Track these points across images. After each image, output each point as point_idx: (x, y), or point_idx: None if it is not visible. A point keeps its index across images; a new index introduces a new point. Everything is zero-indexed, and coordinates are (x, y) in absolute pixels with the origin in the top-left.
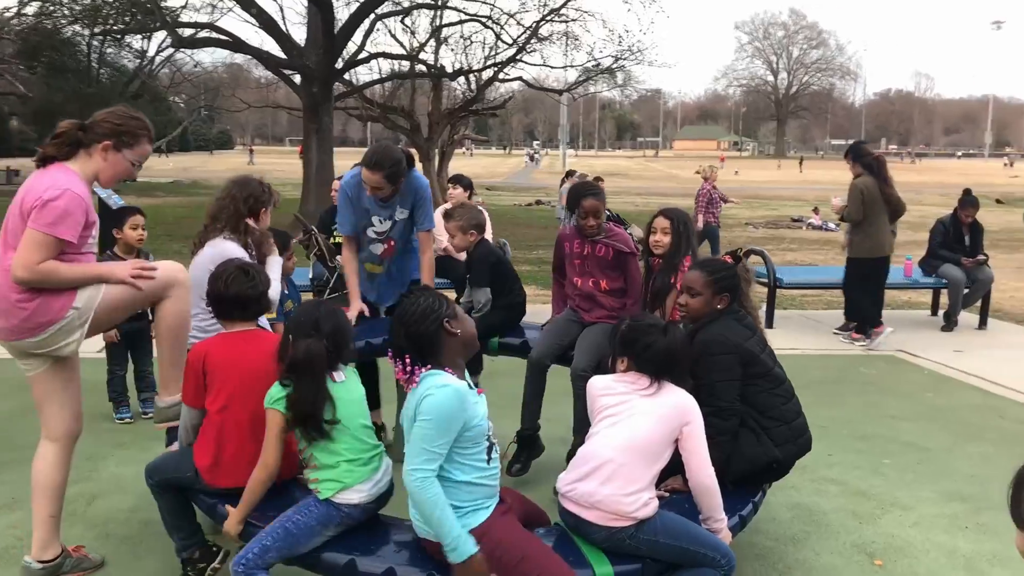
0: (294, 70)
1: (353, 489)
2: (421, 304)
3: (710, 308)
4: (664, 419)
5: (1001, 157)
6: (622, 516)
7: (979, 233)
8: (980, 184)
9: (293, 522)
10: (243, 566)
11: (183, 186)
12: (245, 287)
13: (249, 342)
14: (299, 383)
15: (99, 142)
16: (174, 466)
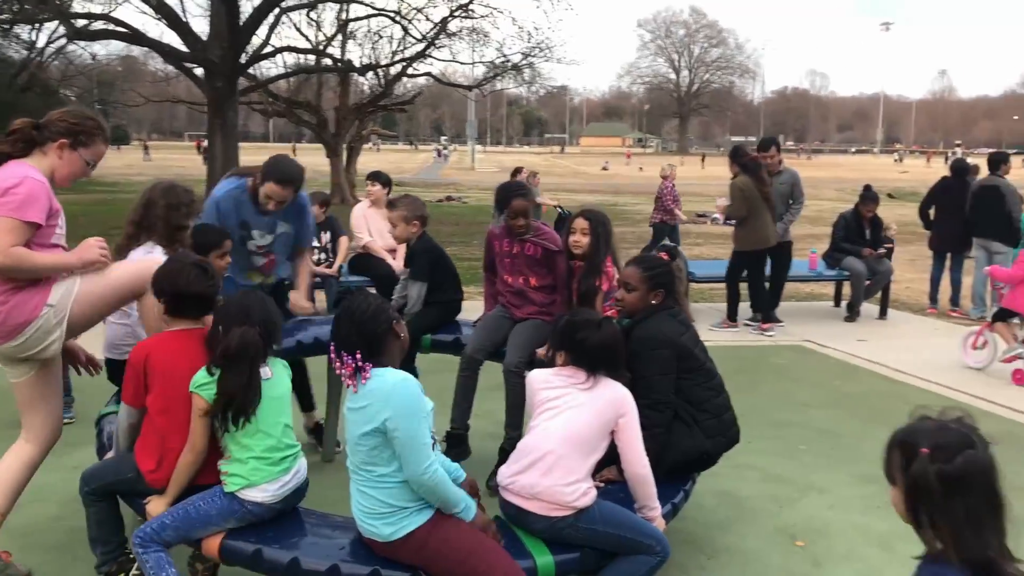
0: (197, 64)
1: (258, 488)
2: (372, 304)
3: (645, 304)
4: (600, 411)
5: (892, 153)
6: (562, 506)
7: (879, 227)
8: (873, 179)
9: (195, 507)
10: (139, 538)
11: (77, 183)
12: (205, 286)
13: (192, 341)
14: (230, 371)
15: (54, 140)
16: (113, 470)
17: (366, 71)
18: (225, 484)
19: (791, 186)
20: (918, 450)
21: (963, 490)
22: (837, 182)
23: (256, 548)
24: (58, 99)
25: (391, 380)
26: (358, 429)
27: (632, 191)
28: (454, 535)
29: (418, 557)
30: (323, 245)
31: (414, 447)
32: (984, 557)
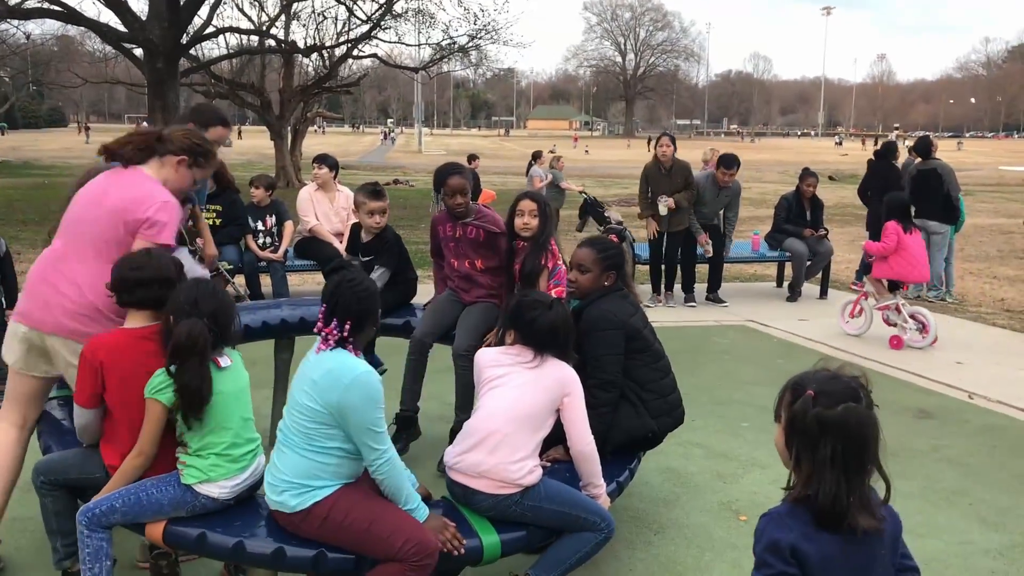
0: (136, 44)
1: (216, 484)
2: (371, 286)
3: (598, 285)
4: (546, 389)
5: (832, 136)
6: (508, 483)
7: (819, 208)
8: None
9: (147, 494)
10: (87, 518)
11: (13, 167)
12: (148, 272)
13: (148, 338)
14: (183, 367)
15: (175, 155)
16: (78, 467)
17: (311, 52)
18: (182, 474)
19: (732, 197)
20: (806, 390)
21: (835, 436)
22: (779, 165)
23: (200, 532)
24: None
25: (355, 370)
26: (306, 398)
27: (578, 174)
28: (356, 505)
29: (321, 530)
30: (268, 229)
31: (370, 433)
32: (838, 504)
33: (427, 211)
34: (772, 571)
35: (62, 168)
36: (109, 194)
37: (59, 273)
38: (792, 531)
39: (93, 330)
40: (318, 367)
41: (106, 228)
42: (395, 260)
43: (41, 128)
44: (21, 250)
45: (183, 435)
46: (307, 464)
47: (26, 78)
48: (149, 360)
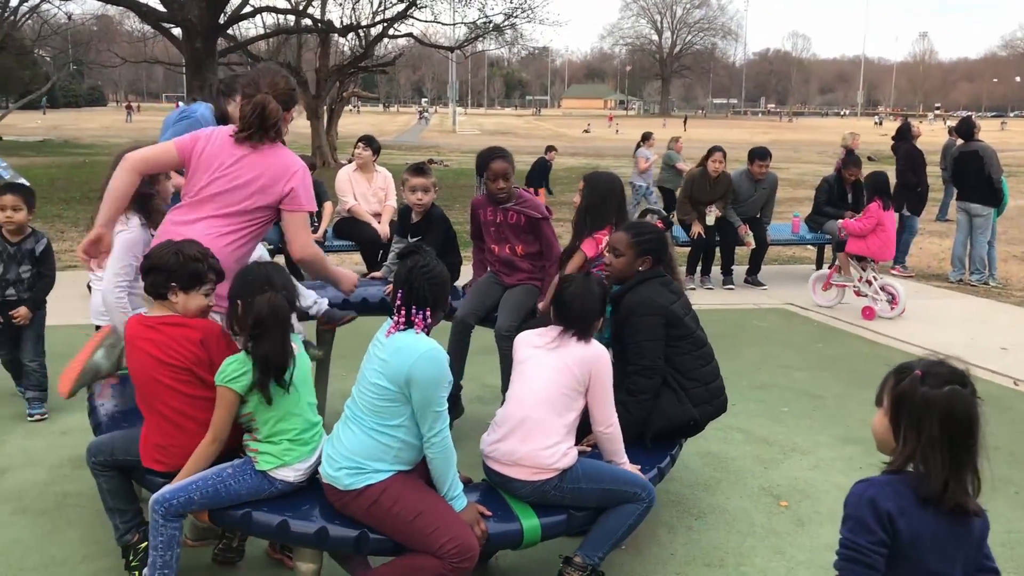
0: (175, 24)
1: (290, 467)
2: (443, 272)
3: (632, 269)
4: (566, 369)
5: (872, 116)
6: (545, 469)
7: (861, 191)
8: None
9: (225, 485)
10: (164, 508)
11: (54, 145)
12: (177, 259)
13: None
14: (266, 339)
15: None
16: (123, 449)
17: (347, 32)
18: (256, 462)
19: (770, 192)
20: (912, 371)
21: (940, 416)
22: (818, 145)
23: (245, 511)
24: (32, 59)
25: (421, 348)
26: (375, 376)
27: (614, 154)
28: (406, 495)
29: (369, 513)
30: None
31: (432, 411)
32: (944, 482)
33: (461, 191)
34: (871, 536)
35: (101, 147)
36: (260, 175)
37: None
38: (891, 500)
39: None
40: (388, 347)
41: (244, 197)
42: (440, 240)
43: (81, 107)
44: (64, 228)
45: (252, 421)
46: (370, 443)
47: (67, 58)
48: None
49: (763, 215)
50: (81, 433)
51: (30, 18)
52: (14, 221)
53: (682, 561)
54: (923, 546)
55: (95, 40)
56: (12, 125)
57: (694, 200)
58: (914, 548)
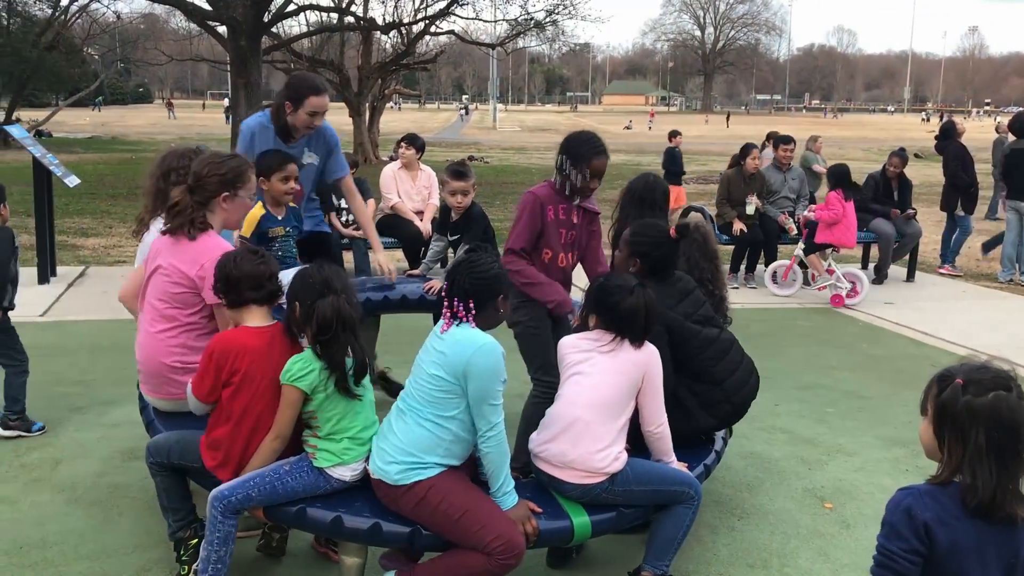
0: (220, 22)
1: (348, 466)
2: (495, 268)
3: (625, 268)
4: (624, 374)
5: (919, 112)
6: (596, 473)
7: (907, 188)
8: (899, 139)
9: (282, 483)
10: (223, 505)
11: (102, 142)
12: (253, 266)
13: (274, 337)
14: (335, 344)
15: (214, 198)
16: (179, 452)
17: (389, 29)
18: (314, 458)
19: (800, 181)
20: (954, 379)
21: (986, 424)
22: (863, 142)
23: (299, 508)
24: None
25: (478, 342)
26: (433, 368)
27: (656, 151)
28: (453, 492)
29: (417, 508)
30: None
31: (487, 404)
32: (994, 493)
33: (502, 188)
34: (903, 544)
35: (148, 144)
36: (186, 265)
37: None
38: (929, 510)
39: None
40: (446, 340)
41: (178, 290)
42: (478, 237)
43: (127, 104)
44: (112, 224)
45: (313, 419)
46: (424, 435)
47: (114, 56)
48: (272, 359)
49: (797, 209)
50: (131, 426)
51: (80, 17)
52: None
53: (725, 561)
54: (963, 556)
55: (142, 38)
56: (62, 122)
57: (732, 200)
58: (953, 559)
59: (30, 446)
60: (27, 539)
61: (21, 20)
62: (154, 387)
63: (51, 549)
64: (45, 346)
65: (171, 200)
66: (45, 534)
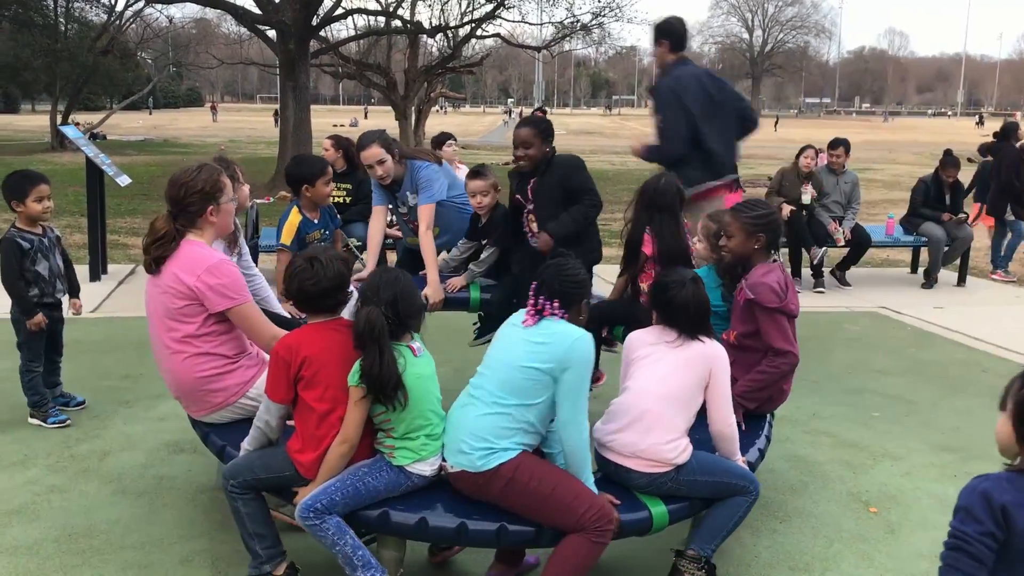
0: (269, 26)
1: (427, 462)
2: (581, 273)
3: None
4: (692, 367)
5: (973, 116)
6: (664, 463)
7: (959, 192)
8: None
9: (364, 483)
10: (313, 512)
11: (154, 144)
12: (306, 279)
13: (339, 331)
14: (365, 351)
15: (201, 215)
16: (264, 466)
17: (435, 33)
18: (392, 457)
19: (852, 186)
20: None
21: None
22: (915, 145)
23: (382, 511)
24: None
25: (576, 333)
26: (527, 360)
27: None
28: (540, 468)
29: (505, 491)
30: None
31: (577, 396)
32: None
33: None
34: (979, 527)
35: (198, 146)
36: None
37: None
38: (1007, 494)
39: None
40: (537, 333)
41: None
42: (504, 238)
43: (179, 108)
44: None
45: (386, 421)
46: (500, 422)
47: (167, 60)
48: (340, 351)
49: (846, 215)
50: (177, 420)
51: (134, 23)
52: (49, 210)
53: (766, 564)
54: None
55: (194, 43)
56: (116, 125)
57: (783, 194)
58: None
59: (80, 438)
60: (75, 527)
61: (78, 26)
62: (196, 405)
63: (98, 537)
64: (95, 341)
65: (156, 232)
66: (92, 522)
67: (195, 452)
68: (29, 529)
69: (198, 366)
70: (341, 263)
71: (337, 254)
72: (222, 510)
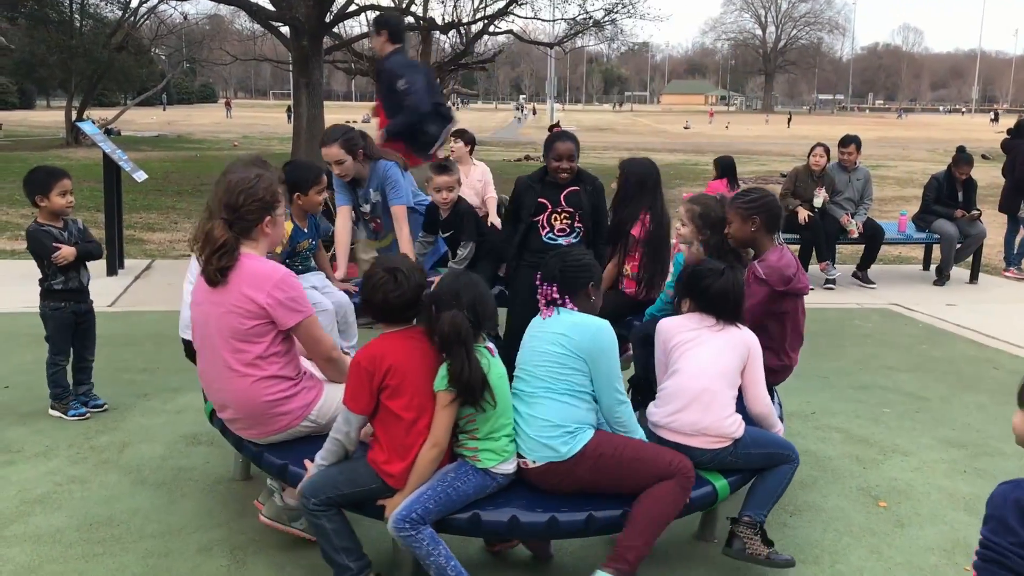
0: (283, 22)
1: (509, 462)
2: (584, 259)
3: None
4: (735, 349)
5: (987, 112)
6: (725, 438)
7: (972, 189)
8: (966, 140)
9: (454, 488)
10: (408, 523)
11: (168, 140)
12: (388, 292)
13: (417, 338)
14: (452, 355)
15: (257, 225)
16: (349, 481)
17: (448, 29)
18: (477, 460)
19: (864, 183)
20: None
21: None
22: (928, 142)
23: (472, 514)
24: (148, 58)
25: (594, 324)
26: (557, 348)
27: (714, 150)
28: (614, 439)
29: (594, 469)
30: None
31: (615, 379)
32: None
33: None
34: (1014, 538)
35: (212, 142)
36: (241, 298)
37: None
38: None
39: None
40: (560, 323)
41: (245, 323)
42: (473, 234)
43: (193, 104)
44: (178, 219)
45: (471, 422)
46: (565, 407)
47: (181, 56)
48: (422, 356)
49: (858, 211)
50: (194, 413)
51: (148, 19)
52: (72, 205)
53: None
54: None
55: (207, 39)
56: (130, 121)
57: (798, 194)
58: None
59: (99, 430)
60: (96, 517)
61: (93, 22)
62: (257, 428)
63: (119, 527)
64: (113, 335)
65: (215, 242)
66: (113, 512)
67: (212, 444)
68: (52, 518)
69: (265, 390)
70: (420, 273)
71: (412, 263)
72: (240, 500)
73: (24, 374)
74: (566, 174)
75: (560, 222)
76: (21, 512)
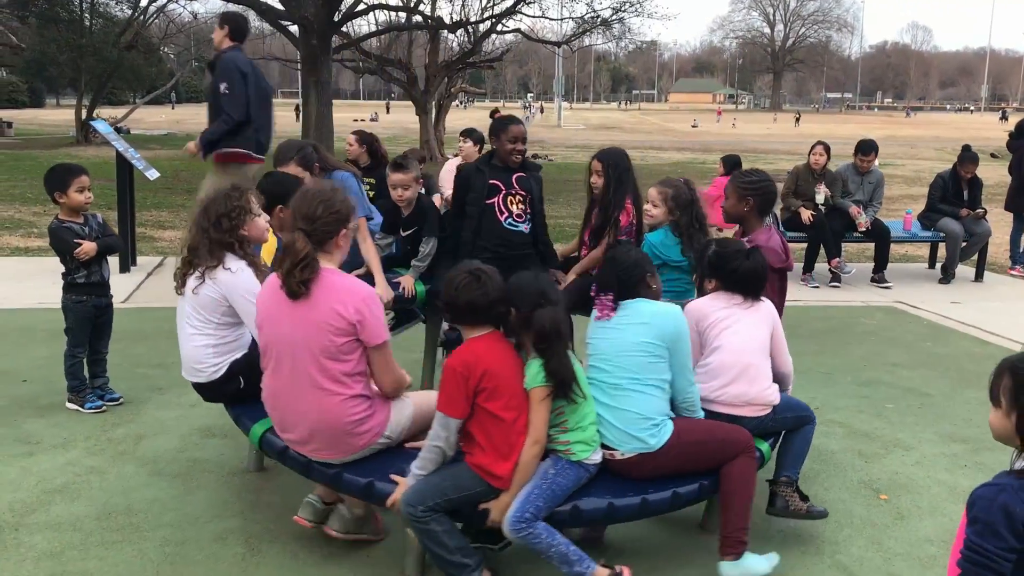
0: (292, 21)
1: (596, 451)
2: (633, 255)
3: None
4: (765, 323)
5: (996, 111)
6: (768, 406)
7: (978, 188)
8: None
9: (556, 483)
10: (524, 523)
11: (177, 138)
12: (476, 293)
13: (501, 340)
14: (551, 351)
15: (333, 237)
16: (454, 487)
17: (456, 28)
18: (570, 453)
19: (876, 185)
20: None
21: None
22: (937, 141)
23: (572, 507)
24: (158, 57)
25: (671, 311)
26: (642, 337)
27: (721, 149)
28: (690, 423)
29: (681, 455)
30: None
31: (688, 362)
32: None
33: (565, 186)
34: (1000, 543)
35: None
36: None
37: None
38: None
39: None
40: (637, 313)
41: (336, 341)
42: (435, 230)
43: (201, 102)
44: (187, 218)
45: (561, 415)
46: (654, 400)
47: (190, 55)
48: (510, 358)
49: (867, 211)
50: (207, 407)
51: (157, 18)
52: (91, 201)
53: (777, 547)
54: None
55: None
56: (139, 120)
57: (799, 194)
58: None
59: (116, 422)
60: (115, 506)
61: (102, 21)
62: (335, 448)
63: (136, 516)
64: (127, 331)
65: (296, 253)
66: (131, 502)
67: (226, 437)
68: (71, 507)
69: (352, 408)
70: (499, 274)
71: (490, 266)
72: (254, 491)
73: (41, 368)
74: (520, 156)
75: (516, 206)
76: (42, 501)
